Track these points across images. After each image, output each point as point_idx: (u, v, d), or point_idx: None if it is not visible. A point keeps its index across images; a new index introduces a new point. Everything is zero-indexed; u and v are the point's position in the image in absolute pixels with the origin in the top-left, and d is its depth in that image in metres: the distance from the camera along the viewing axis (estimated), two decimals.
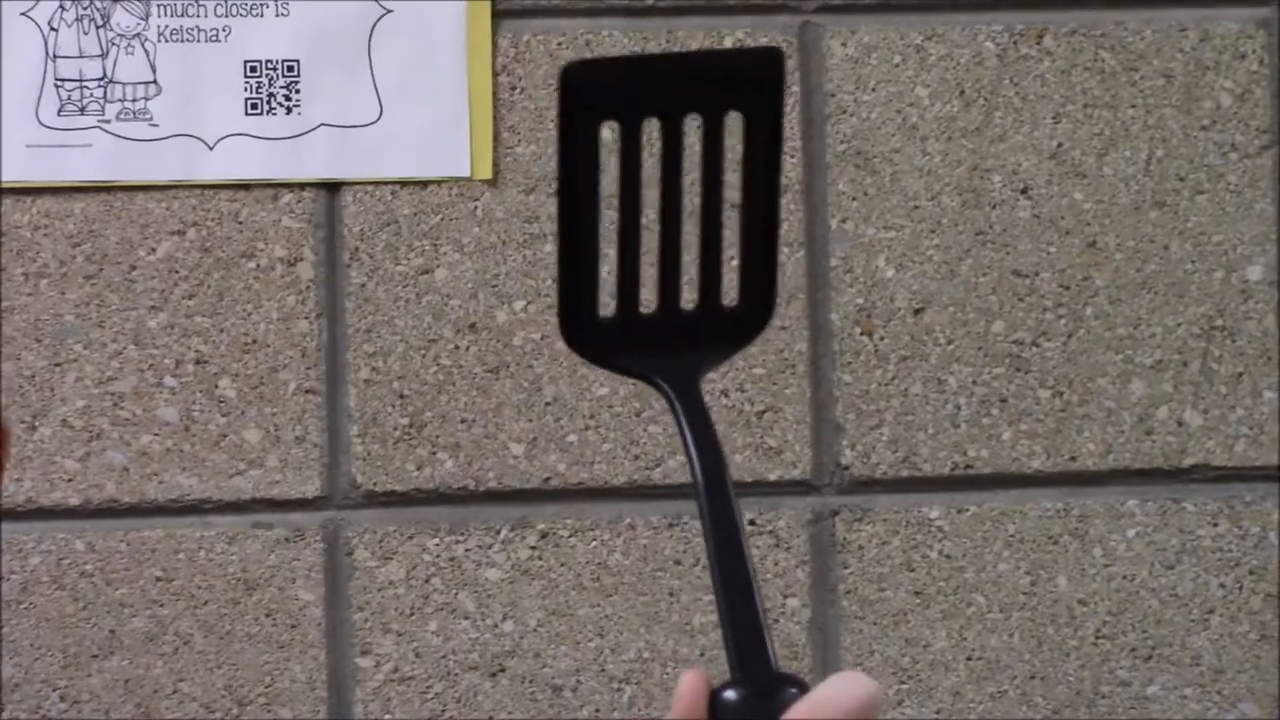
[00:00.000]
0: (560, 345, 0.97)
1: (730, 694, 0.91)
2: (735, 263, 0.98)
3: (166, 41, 1.59)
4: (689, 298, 0.98)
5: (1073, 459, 1.63)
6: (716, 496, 0.95)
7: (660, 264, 0.97)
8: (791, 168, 1.63)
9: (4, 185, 1.58)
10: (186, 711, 1.58)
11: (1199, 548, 1.63)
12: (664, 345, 0.99)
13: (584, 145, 0.96)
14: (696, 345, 0.99)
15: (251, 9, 1.60)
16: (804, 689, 0.90)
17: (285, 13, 1.60)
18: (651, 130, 0.96)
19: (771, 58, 0.98)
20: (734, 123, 0.97)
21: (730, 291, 0.98)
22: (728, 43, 1.62)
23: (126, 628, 1.58)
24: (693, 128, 0.96)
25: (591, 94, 0.97)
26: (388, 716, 1.60)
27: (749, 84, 0.99)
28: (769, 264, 1.00)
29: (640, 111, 0.97)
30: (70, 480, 1.57)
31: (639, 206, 0.96)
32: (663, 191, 0.96)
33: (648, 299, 0.97)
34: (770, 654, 0.93)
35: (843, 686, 0.90)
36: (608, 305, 0.97)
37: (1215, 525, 1.64)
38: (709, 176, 0.97)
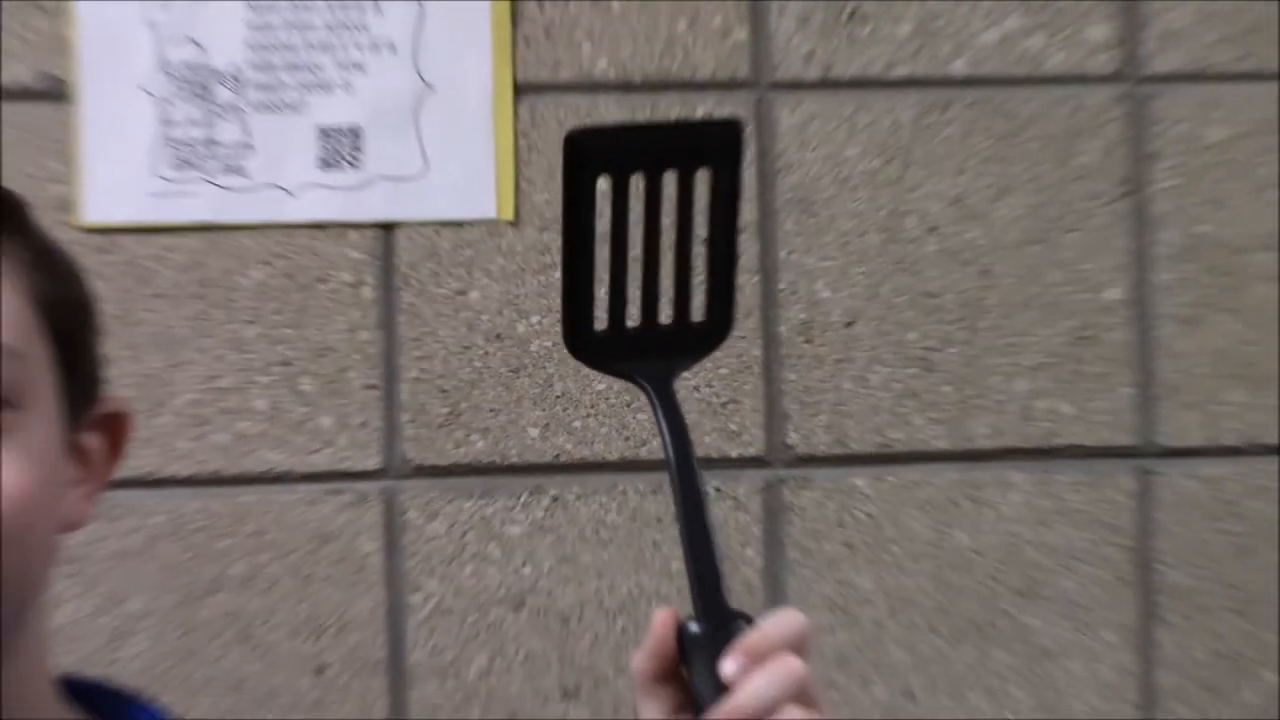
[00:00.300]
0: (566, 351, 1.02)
1: (694, 626, 0.97)
2: (702, 287, 1.02)
3: (258, 111, 1.60)
4: (665, 315, 1.02)
5: (969, 440, 1.65)
6: (685, 472, 1.01)
7: (643, 288, 1.01)
8: (749, 211, 1.62)
9: (130, 225, 1.60)
10: (276, 638, 1.60)
11: (1068, 510, 1.66)
12: (645, 352, 1.03)
13: (583, 194, 0.99)
14: (671, 353, 1.03)
15: (325, 86, 1.61)
16: (752, 622, 0.97)
17: (351, 90, 1.61)
18: (637, 183, 0.99)
19: (733, 126, 1.01)
20: (703, 177, 1.00)
21: (698, 310, 1.02)
22: (699, 113, 1.61)
23: (228, 572, 1.60)
24: (670, 181, 0.99)
25: (590, 154, 0.99)
26: (432, 639, 1.62)
27: (715, 146, 1.01)
28: (729, 288, 1.03)
29: (628, 168, 0.99)
30: (184, 456, 1.60)
31: (626, 242, 0.99)
32: (645, 231, 1.00)
33: (633, 315, 1.01)
34: (725, 595, 0.98)
35: (782, 620, 0.97)
36: (601, 320, 1.01)
37: (1081, 493, 1.66)
38: (682, 219, 1.00)
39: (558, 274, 1.53)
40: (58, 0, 1.60)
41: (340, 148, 1.62)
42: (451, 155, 1.62)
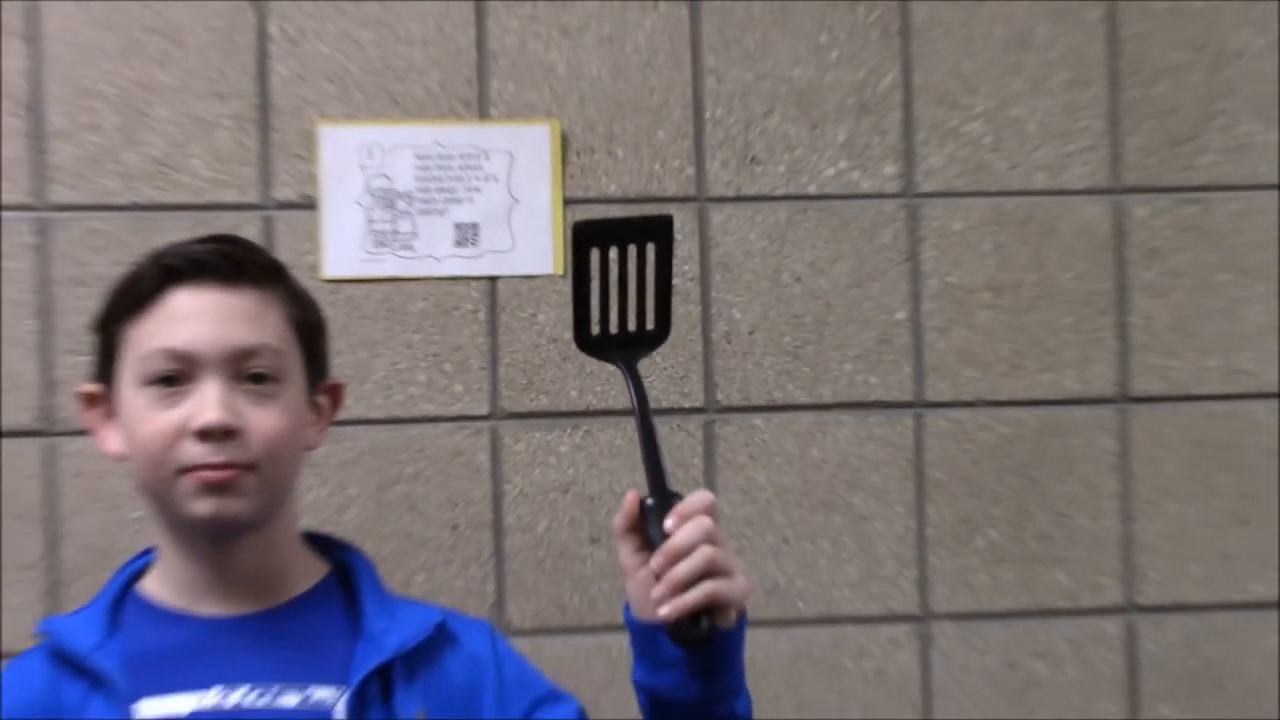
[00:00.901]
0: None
1: (649, 500, 1.01)
2: (652, 308, 1.04)
3: (420, 215, 1.60)
4: (631, 325, 1.03)
5: (819, 398, 1.67)
6: (643, 416, 1.02)
7: (619, 309, 1.03)
8: (694, 269, 1.64)
9: (349, 278, 1.58)
10: (430, 509, 1.61)
11: (875, 437, 1.67)
12: (619, 346, 1.03)
13: (584, 258, 1.02)
14: (636, 346, 1.04)
15: (458, 200, 1.61)
16: (682, 498, 1.00)
17: (473, 202, 1.62)
18: (614, 251, 1.02)
19: (667, 220, 1.04)
20: (651, 248, 1.02)
21: (650, 321, 1.04)
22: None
23: (404, 472, 1.61)
24: (632, 250, 1.02)
25: (586, 235, 1.01)
26: (517, 510, 1.62)
27: (657, 231, 1.03)
28: (668, 309, 1.05)
29: (609, 243, 1.01)
30: (378, 407, 1.62)
31: (608, 284, 1.02)
32: (619, 278, 1.02)
33: (612, 325, 1.03)
34: (667, 482, 1.02)
35: (697, 496, 1.01)
36: (595, 328, 1.03)
37: (883, 428, 1.66)
38: (640, 271, 1.03)
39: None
40: (309, 150, 1.63)
41: (467, 235, 1.64)
42: (528, 239, 1.65)
